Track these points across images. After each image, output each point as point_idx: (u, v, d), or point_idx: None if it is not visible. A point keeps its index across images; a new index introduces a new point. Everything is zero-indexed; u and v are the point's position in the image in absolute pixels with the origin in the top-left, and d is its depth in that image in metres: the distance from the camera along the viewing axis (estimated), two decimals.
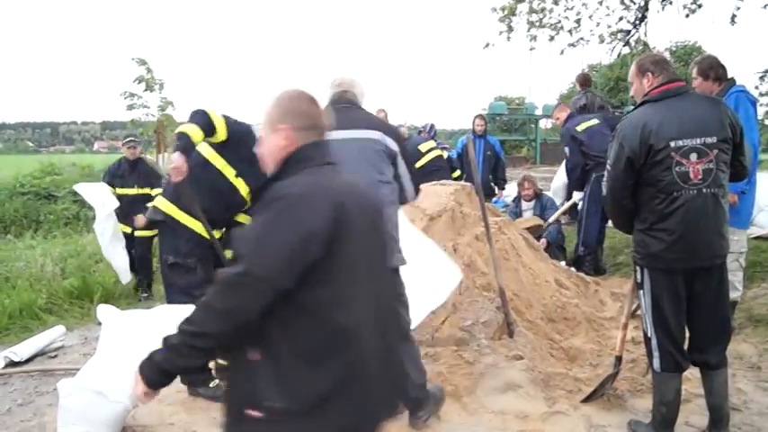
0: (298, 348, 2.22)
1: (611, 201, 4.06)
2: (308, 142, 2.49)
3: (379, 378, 2.40)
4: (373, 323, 2.38)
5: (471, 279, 5.49)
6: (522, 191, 9.40)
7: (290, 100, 2.54)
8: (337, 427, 2.29)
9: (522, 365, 4.86)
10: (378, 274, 2.51)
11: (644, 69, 4.07)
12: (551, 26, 14.13)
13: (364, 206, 2.47)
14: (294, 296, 2.19)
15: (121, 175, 8.39)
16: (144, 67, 12.26)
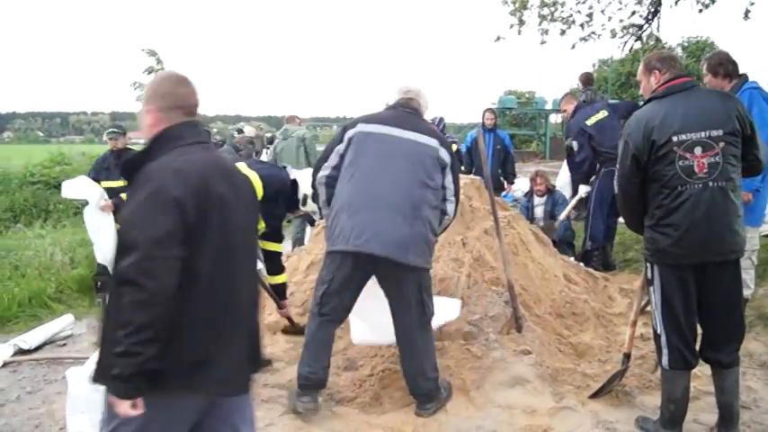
0: (185, 315, 2.43)
1: (622, 199, 4.07)
2: (176, 122, 2.67)
3: (247, 345, 2.71)
4: (247, 293, 2.71)
5: (480, 273, 5.47)
6: (535, 186, 9.36)
7: (158, 82, 2.77)
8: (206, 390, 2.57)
9: (530, 360, 4.86)
10: (248, 240, 2.78)
11: (651, 67, 4.08)
12: (563, 20, 14.06)
13: (234, 183, 2.70)
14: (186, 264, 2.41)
15: (107, 168, 7.95)
16: (154, 57, 12.23)
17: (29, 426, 4.54)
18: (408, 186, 4.27)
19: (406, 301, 4.34)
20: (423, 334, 4.40)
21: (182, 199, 2.41)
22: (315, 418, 4.39)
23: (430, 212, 4.30)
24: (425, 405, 4.42)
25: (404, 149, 4.37)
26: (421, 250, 4.25)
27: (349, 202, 4.31)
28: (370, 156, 4.40)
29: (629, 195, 3.98)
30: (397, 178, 4.27)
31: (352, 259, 4.28)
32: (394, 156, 4.35)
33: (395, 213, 4.20)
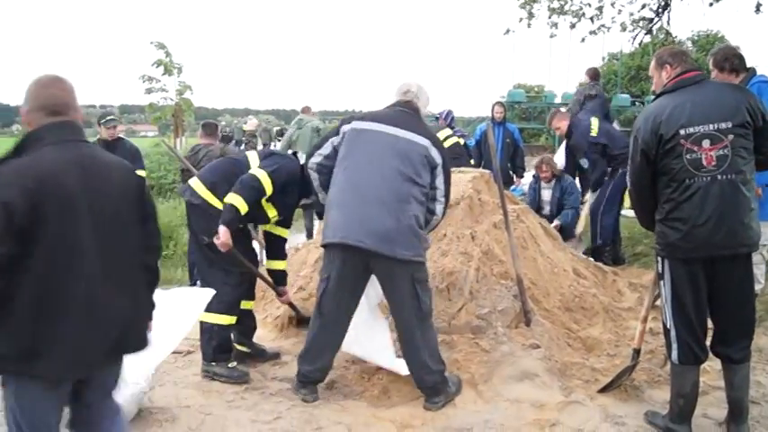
0: (16, 306, 2.61)
1: (635, 194, 4.07)
2: (40, 124, 2.81)
3: (95, 331, 2.79)
4: (100, 277, 2.77)
5: (489, 267, 5.46)
6: (540, 173, 9.28)
7: (34, 85, 2.88)
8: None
9: (539, 354, 4.85)
10: (111, 232, 2.84)
11: (662, 62, 4.06)
12: (573, 13, 14.04)
13: (97, 177, 2.82)
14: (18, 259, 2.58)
15: None
16: (163, 50, 12.24)
17: None
18: (395, 181, 4.35)
19: (399, 296, 4.39)
20: (421, 327, 4.41)
21: (10, 202, 2.54)
22: (323, 411, 4.41)
23: (417, 208, 4.37)
24: (433, 399, 4.43)
25: (394, 146, 4.45)
26: (410, 243, 4.29)
27: (339, 196, 4.44)
28: (361, 151, 4.50)
29: (641, 191, 3.98)
30: (386, 173, 4.36)
31: (343, 252, 4.35)
32: (384, 152, 4.44)
33: (381, 207, 4.28)
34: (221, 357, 5.00)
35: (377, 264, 4.32)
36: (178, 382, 4.94)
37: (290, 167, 5.08)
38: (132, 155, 7.88)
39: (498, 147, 10.06)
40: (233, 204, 4.72)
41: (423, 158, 4.43)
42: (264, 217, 5.11)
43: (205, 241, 4.91)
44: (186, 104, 12.54)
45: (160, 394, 4.68)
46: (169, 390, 4.79)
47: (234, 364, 5.04)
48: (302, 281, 6.13)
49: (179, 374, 5.08)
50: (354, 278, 4.45)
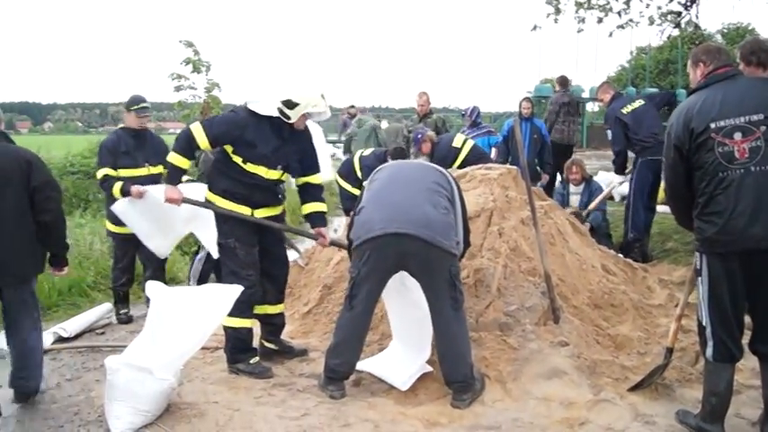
0: None
1: (670, 191, 4.07)
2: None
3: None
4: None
5: (516, 264, 5.42)
6: (570, 174, 9.25)
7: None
8: None
9: (568, 352, 4.81)
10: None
11: (696, 59, 4.08)
12: (600, 8, 13.93)
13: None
14: None
15: (126, 152, 6.53)
16: (191, 49, 12.28)
17: (68, 413, 4.58)
18: (427, 182, 4.64)
19: (437, 286, 4.42)
20: (457, 319, 4.46)
21: None
22: (350, 408, 4.41)
23: (446, 206, 4.56)
24: (462, 396, 4.41)
25: (413, 165, 5.02)
26: (447, 234, 4.44)
27: (373, 197, 4.66)
28: (384, 173, 4.89)
29: (676, 186, 3.97)
30: (412, 181, 4.70)
31: (379, 245, 4.41)
32: (404, 169, 4.92)
33: (418, 197, 4.51)
34: (240, 358, 5.04)
35: (415, 252, 4.37)
36: (206, 378, 4.97)
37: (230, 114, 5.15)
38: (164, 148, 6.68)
39: (525, 143, 10.00)
40: (170, 162, 5.08)
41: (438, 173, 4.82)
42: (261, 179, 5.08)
43: (217, 241, 5.06)
44: (214, 102, 12.57)
45: (188, 390, 4.71)
46: (197, 385, 4.82)
47: (256, 359, 5.08)
48: (328, 279, 6.13)
49: (207, 370, 5.11)
50: (385, 272, 4.52)
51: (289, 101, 4.97)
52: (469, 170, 6.61)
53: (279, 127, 5.04)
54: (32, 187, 4.54)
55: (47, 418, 4.51)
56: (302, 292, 6.52)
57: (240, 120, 4.99)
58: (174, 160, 5.01)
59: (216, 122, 5.05)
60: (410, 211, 4.41)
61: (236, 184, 5.01)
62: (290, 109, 4.97)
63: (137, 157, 6.52)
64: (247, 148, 4.97)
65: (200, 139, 4.92)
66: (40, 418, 4.52)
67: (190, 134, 4.96)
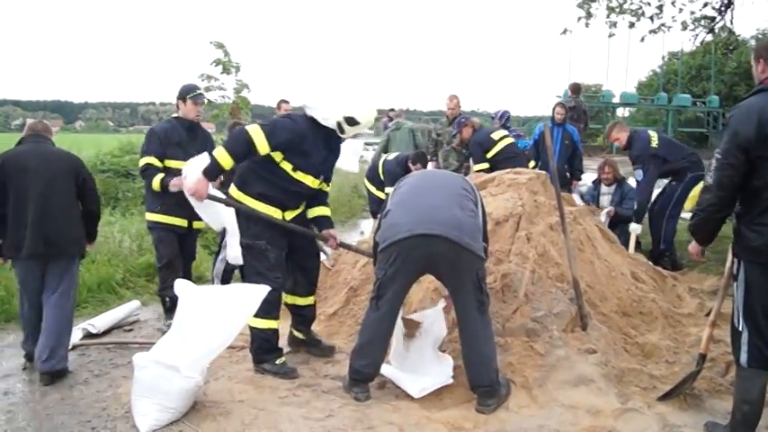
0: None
1: (716, 193, 3.83)
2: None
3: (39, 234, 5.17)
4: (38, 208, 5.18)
5: (545, 269, 5.38)
6: (602, 174, 9.19)
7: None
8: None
9: (595, 359, 4.76)
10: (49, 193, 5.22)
11: (758, 55, 3.88)
12: (632, 12, 13.83)
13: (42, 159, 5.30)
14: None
15: (178, 143, 6.26)
16: (221, 50, 12.37)
17: (96, 408, 4.62)
18: (450, 189, 4.64)
19: (463, 288, 4.40)
20: (483, 322, 4.43)
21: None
22: (375, 410, 4.40)
23: (473, 209, 4.56)
24: (487, 401, 4.38)
25: (439, 173, 5.14)
26: (474, 236, 4.41)
27: (401, 199, 4.65)
28: (411, 179, 4.91)
29: (729, 193, 3.76)
30: (439, 185, 4.71)
31: (406, 247, 4.38)
32: (431, 176, 5.02)
33: (446, 200, 4.50)
34: (266, 358, 5.06)
35: (443, 254, 4.34)
36: (232, 376, 4.99)
37: (290, 120, 5.06)
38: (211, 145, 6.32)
39: (556, 148, 9.95)
40: (214, 156, 4.86)
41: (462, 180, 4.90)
42: (303, 187, 5.08)
43: (243, 242, 5.04)
44: (243, 103, 12.65)
45: (214, 388, 4.74)
46: (223, 384, 4.84)
47: (282, 360, 5.10)
48: (354, 282, 6.13)
49: (233, 369, 5.14)
50: (412, 273, 4.52)
51: (351, 118, 5.01)
52: (498, 174, 6.59)
53: (329, 138, 5.09)
54: (81, 180, 5.40)
55: (74, 413, 4.56)
56: (328, 293, 6.52)
57: (301, 129, 4.96)
58: (220, 158, 4.82)
59: (279, 129, 4.90)
60: (438, 213, 4.39)
61: (276, 189, 4.99)
62: (349, 125, 5.04)
63: (188, 149, 6.03)
64: (302, 156, 4.96)
65: (260, 145, 4.80)
66: (68, 413, 4.56)
67: (248, 137, 4.80)
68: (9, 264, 5.58)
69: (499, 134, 9.20)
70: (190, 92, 6.35)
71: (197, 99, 6.37)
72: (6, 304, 6.80)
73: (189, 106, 6.33)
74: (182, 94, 6.37)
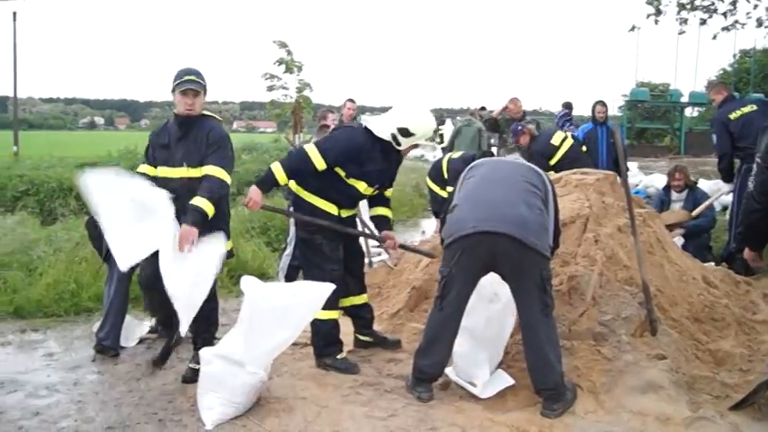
0: None
1: (759, 198, 3.72)
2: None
3: None
4: None
5: (613, 272, 5.27)
6: (673, 181, 8.95)
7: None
8: None
9: (665, 366, 4.64)
10: None
11: None
12: (704, 9, 13.51)
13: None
14: None
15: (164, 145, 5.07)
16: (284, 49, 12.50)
17: (162, 400, 4.70)
18: (522, 182, 4.52)
19: (527, 288, 4.33)
20: (546, 324, 4.35)
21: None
22: (438, 411, 4.37)
23: (540, 207, 4.46)
24: (552, 405, 4.31)
25: (508, 163, 4.84)
26: (540, 235, 4.34)
27: (467, 194, 4.59)
28: (479, 171, 4.76)
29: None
30: (507, 180, 4.58)
31: (471, 244, 4.34)
32: (500, 168, 4.78)
33: (512, 196, 4.42)
34: (327, 351, 5.11)
35: (507, 252, 4.29)
36: (295, 373, 5.02)
37: (347, 136, 5.16)
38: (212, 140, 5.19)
39: (602, 148, 9.77)
40: (272, 169, 5.02)
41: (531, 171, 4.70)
42: (355, 192, 5.16)
43: (300, 236, 5.14)
44: (305, 102, 12.77)
45: (278, 385, 4.77)
46: (286, 381, 4.88)
47: (343, 354, 5.14)
48: (417, 281, 6.11)
49: (296, 366, 5.17)
50: (476, 271, 4.46)
51: (405, 129, 5.04)
52: (565, 175, 6.49)
53: (388, 150, 5.13)
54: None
55: (141, 405, 4.64)
56: (391, 292, 6.51)
57: (357, 141, 5.06)
58: (276, 172, 4.99)
59: (335, 146, 5.05)
60: (504, 210, 4.33)
61: (331, 188, 5.10)
62: (403, 137, 5.07)
63: (174, 152, 4.96)
64: (356, 166, 5.04)
65: (317, 162, 4.95)
66: (136, 404, 4.65)
67: (306, 156, 4.99)
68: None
69: (559, 138, 9.05)
70: (176, 79, 4.91)
71: (183, 88, 4.86)
72: (76, 297, 6.95)
73: (177, 98, 4.91)
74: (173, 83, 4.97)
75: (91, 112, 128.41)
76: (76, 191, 12.10)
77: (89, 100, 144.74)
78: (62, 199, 12.29)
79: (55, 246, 8.06)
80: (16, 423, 4.40)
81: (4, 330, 6.35)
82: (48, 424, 4.40)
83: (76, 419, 4.45)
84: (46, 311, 6.80)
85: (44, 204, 12.25)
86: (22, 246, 8.03)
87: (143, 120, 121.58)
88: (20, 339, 6.15)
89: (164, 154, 5.00)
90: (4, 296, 6.94)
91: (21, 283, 7.16)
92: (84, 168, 13.93)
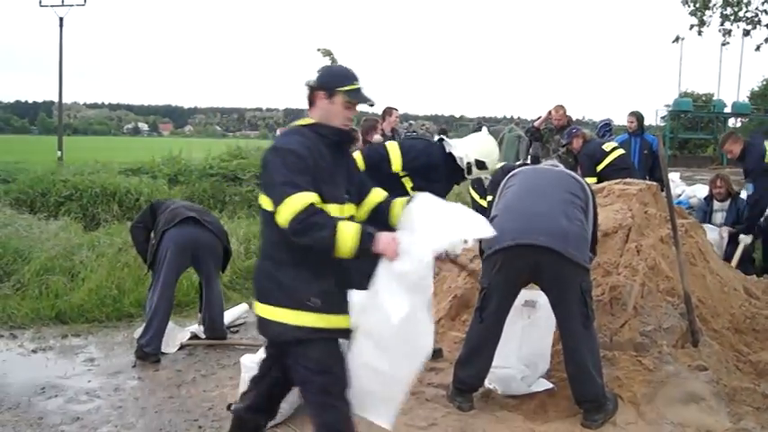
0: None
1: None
2: None
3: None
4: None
5: (655, 283, 5.23)
6: (714, 188, 8.81)
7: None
8: None
9: (706, 377, 4.60)
10: None
11: None
12: (747, 20, 13.36)
13: None
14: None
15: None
16: (328, 57, 12.58)
17: (203, 407, 4.76)
18: (562, 192, 4.52)
19: (567, 301, 4.31)
20: (587, 336, 4.33)
21: None
22: (478, 421, 4.38)
23: (580, 219, 4.44)
24: (593, 416, 4.29)
25: (548, 173, 4.82)
26: (580, 247, 4.33)
27: (507, 204, 4.61)
28: (519, 180, 4.79)
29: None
30: (547, 190, 4.58)
31: (510, 256, 4.34)
32: (540, 177, 4.79)
33: (552, 208, 4.41)
34: None
35: (547, 265, 4.28)
36: None
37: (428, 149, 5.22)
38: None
39: (636, 158, 9.67)
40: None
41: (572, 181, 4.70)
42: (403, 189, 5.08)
43: None
44: None
45: None
46: None
47: None
48: (459, 290, 6.10)
49: None
50: (516, 283, 4.45)
51: (483, 162, 5.18)
52: (608, 185, 6.45)
53: (453, 174, 5.22)
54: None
55: (181, 411, 4.71)
56: (432, 301, 6.50)
57: (435, 159, 5.15)
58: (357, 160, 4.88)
59: (415, 154, 5.10)
60: (544, 222, 4.32)
61: None
62: (478, 168, 5.20)
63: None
64: (423, 180, 5.01)
65: (395, 162, 5.03)
66: (176, 411, 4.72)
67: (386, 153, 5.06)
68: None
69: (610, 145, 9.00)
70: (344, 81, 3.35)
71: (356, 100, 3.38)
72: (118, 302, 7.05)
73: (333, 107, 3.31)
74: (327, 83, 3.35)
75: (135, 118, 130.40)
76: (119, 196, 12.36)
77: (133, 105, 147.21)
78: (105, 204, 12.45)
79: (97, 251, 8.18)
80: (57, 428, 4.49)
81: (45, 335, 6.45)
82: (88, 429, 4.48)
83: (117, 425, 4.53)
84: (87, 317, 6.88)
85: (87, 210, 12.40)
86: (65, 251, 8.14)
87: (187, 126, 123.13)
88: (61, 344, 6.23)
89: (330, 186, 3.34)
90: (47, 301, 7.05)
91: (63, 288, 7.27)
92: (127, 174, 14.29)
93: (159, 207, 6.19)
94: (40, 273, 7.47)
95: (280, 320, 3.19)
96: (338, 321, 3.20)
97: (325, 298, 3.17)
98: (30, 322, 6.70)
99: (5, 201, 11.97)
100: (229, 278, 7.89)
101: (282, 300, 3.18)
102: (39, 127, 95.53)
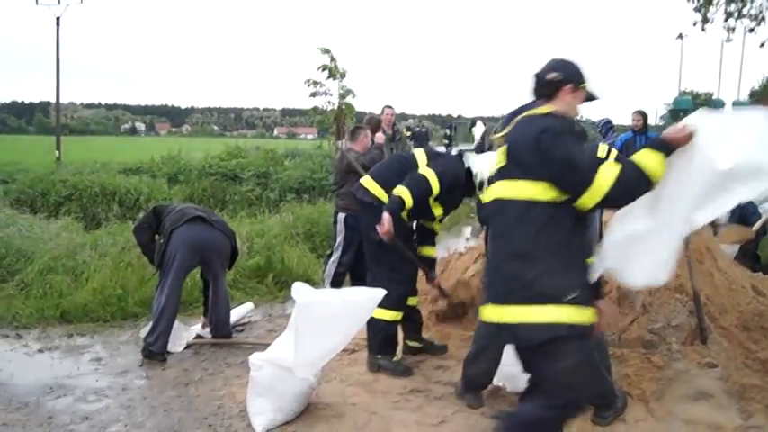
0: None
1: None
2: None
3: None
4: None
5: None
6: None
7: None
8: None
9: (716, 374, 4.61)
10: None
11: None
12: (752, 17, 13.33)
13: None
14: None
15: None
16: (327, 55, 12.53)
17: (211, 406, 4.74)
18: None
19: None
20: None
21: None
22: (488, 418, 4.36)
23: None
24: (603, 413, 4.28)
25: None
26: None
27: None
28: None
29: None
30: None
31: None
32: None
33: None
34: (386, 350, 5.17)
35: None
36: (344, 379, 5.04)
37: (457, 169, 5.18)
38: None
39: None
40: (400, 196, 4.90)
41: None
42: (431, 215, 5.25)
43: (376, 238, 5.02)
44: (348, 109, 12.79)
45: (327, 391, 4.80)
46: (336, 387, 4.90)
47: (399, 357, 5.21)
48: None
49: (345, 372, 5.19)
50: None
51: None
52: None
53: (469, 187, 5.22)
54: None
55: (191, 410, 4.69)
56: (430, 292, 6.50)
57: (461, 177, 5.19)
58: (405, 197, 4.94)
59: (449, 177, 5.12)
60: None
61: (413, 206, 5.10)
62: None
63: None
64: (449, 195, 5.16)
65: (434, 186, 5.02)
66: (185, 409, 4.70)
67: (426, 181, 5.04)
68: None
69: (603, 150, 8.96)
70: (582, 77, 3.40)
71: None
72: (122, 302, 7.03)
73: (573, 99, 3.38)
74: (575, 76, 3.37)
75: (132, 118, 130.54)
76: (119, 196, 12.33)
77: (130, 105, 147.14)
78: (105, 204, 12.45)
79: (100, 251, 8.14)
80: (66, 427, 4.47)
81: (51, 335, 6.43)
82: (97, 429, 4.45)
83: (126, 424, 4.51)
84: (92, 316, 6.85)
85: (87, 209, 12.39)
86: (68, 251, 8.10)
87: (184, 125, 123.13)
88: (66, 344, 6.20)
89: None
90: (51, 301, 7.01)
91: (67, 287, 7.24)
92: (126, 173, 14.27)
93: (163, 210, 6.17)
94: (44, 272, 7.43)
95: (539, 321, 3.02)
96: (591, 315, 3.11)
97: (583, 291, 3.08)
98: (35, 322, 6.66)
99: (6, 201, 11.94)
100: (233, 277, 7.87)
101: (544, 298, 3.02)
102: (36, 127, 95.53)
